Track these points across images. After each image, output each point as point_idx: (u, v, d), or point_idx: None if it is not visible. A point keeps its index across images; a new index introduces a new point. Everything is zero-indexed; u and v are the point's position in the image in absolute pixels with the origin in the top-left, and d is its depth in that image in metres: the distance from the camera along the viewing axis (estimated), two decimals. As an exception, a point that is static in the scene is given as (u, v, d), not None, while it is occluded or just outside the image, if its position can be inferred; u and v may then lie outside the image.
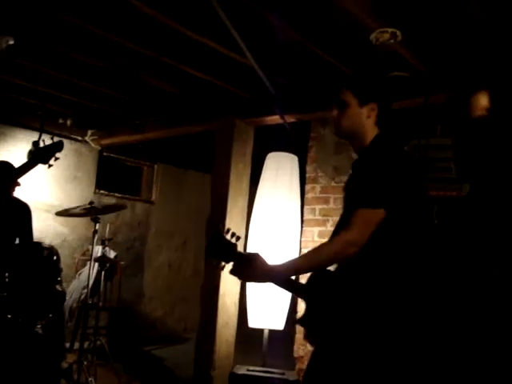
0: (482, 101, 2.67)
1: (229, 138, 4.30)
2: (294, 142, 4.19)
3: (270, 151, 4.07)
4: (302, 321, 2.08)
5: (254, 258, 1.96)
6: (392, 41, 3.03)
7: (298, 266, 1.98)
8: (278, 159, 3.99)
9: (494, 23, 2.88)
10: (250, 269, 1.96)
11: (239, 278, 2.07)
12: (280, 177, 3.94)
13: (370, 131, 2.12)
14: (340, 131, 2.17)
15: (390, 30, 2.97)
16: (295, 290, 2.19)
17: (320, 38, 3.24)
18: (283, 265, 1.95)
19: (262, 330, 3.80)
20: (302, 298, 2.25)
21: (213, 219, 4.33)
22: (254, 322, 3.83)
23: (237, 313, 4.36)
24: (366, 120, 2.11)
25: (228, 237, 2.03)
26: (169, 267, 6.97)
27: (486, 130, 2.03)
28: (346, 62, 3.52)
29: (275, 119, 4.19)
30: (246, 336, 4.50)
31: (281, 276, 2.02)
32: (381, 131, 2.14)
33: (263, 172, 4.03)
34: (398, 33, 2.98)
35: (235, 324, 4.36)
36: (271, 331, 3.80)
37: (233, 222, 4.20)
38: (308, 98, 3.99)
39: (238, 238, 2.03)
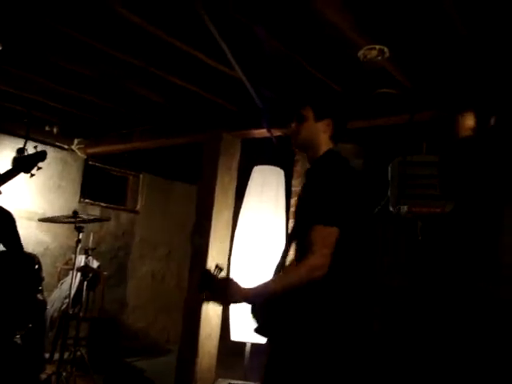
0: (468, 121, 2.70)
1: (216, 151, 4.30)
2: (280, 156, 4.20)
3: (257, 164, 4.07)
4: (259, 330, 2.14)
5: (228, 283, 2.03)
6: (379, 57, 3.06)
7: (268, 289, 2.02)
8: (264, 173, 3.99)
9: (479, 43, 2.92)
10: (225, 293, 2.02)
11: (215, 302, 2.14)
12: (266, 190, 3.94)
13: (325, 145, 2.25)
14: (296, 143, 2.30)
15: (377, 46, 3.00)
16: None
17: (309, 53, 3.27)
18: (255, 289, 2.03)
19: (244, 343, 3.78)
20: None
21: (197, 231, 4.32)
22: (236, 335, 3.80)
23: (220, 325, 4.33)
24: (321, 134, 2.23)
25: (216, 272, 2.09)
26: (152, 278, 6.92)
27: (472, 150, 2.07)
28: (333, 78, 3.55)
29: (262, 132, 4.20)
30: (229, 349, 4.47)
31: (252, 299, 2.06)
32: (334, 146, 2.27)
33: (249, 185, 4.03)
34: (386, 50, 3.02)
35: (218, 336, 4.34)
36: (254, 344, 3.78)
37: (217, 235, 4.19)
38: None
39: (221, 270, 2.09)
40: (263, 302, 2.07)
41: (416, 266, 4.35)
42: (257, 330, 2.15)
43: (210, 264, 2.15)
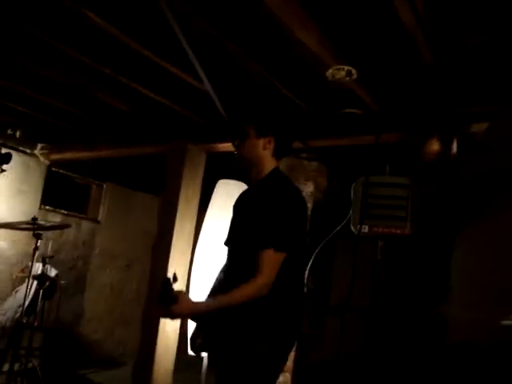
0: (433, 146, 2.76)
1: (180, 162, 4.28)
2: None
3: (221, 177, 4.07)
4: (200, 348, 2.25)
5: (178, 298, 2.10)
6: (347, 78, 3.12)
7: (220, 304, 2.12)
8: (227, 186, 3.98)
9: (444, 70, 3.00)
10: (176, 307, 2.09)
11: (165, 317, 2.21)
12: (229, 204, 3.88)
13: (268, 162, 2.33)
14: (239, 160, 2.36)
15: (345, 67, 3.05)
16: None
17: (278, 70, 3.30)
18: (206, 304, 2.17)
19: (201, 358, 3.73)
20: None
21: (158, 243, 4.28)
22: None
23: (177, 339, 4.28)
24: (262, 151, 2.31)
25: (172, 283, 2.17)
26: (111, 289, 6.80)
27: (432, 175, 2.10)
28: (301, 96, 3.59)
29: (227, 146, 4.18)
30: (186, 364, 4.42)
31: (203, 312, 2.16)
32: (277, 163, 2.36)
33: (212, 198, 4.01)
34: (354, 71, 3.07)
35: (175, 351, 4.28)
36: (210, 360, 3.73)
37: (178, 247, 4.16)
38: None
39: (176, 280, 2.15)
40: (208, 318, 2.17)
41: (375, 287, 4.40)
42: (200, 347, 2.25)
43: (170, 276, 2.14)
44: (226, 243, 2.39)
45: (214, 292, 2.34)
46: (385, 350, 4.35)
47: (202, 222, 4.07)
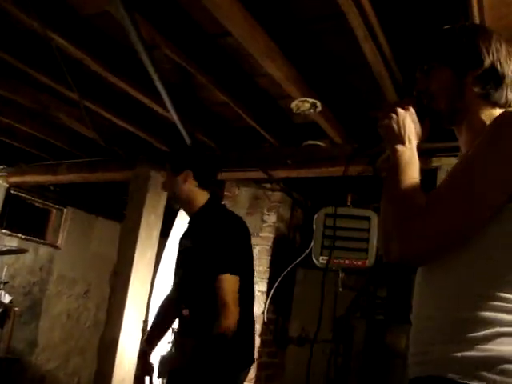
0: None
1: (143, 189, 4.25)
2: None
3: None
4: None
5: None
6: (312, 111, 3.16)
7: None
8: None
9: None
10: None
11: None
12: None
13: (197, 194, 2.47)
14: (172, 197, 2.58)
15: (310, 100, 3.09)
16: None
17: (244, 100, 3.32)
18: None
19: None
20: None
21: (118, 270, 4.20)
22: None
23: (134, 369, 4.18)
24: (184, 185, 2.44)
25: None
26: (68, 316, 6.61)
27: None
28: (266, 127, 3.62)
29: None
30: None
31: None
32: (211, 195, 2.50)
33: (174, 225, 4.00)
34: (318, 103, 3.11)
35: (132, 381, 4.17)
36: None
37: (139, 274, 4.09)
38: (226, 158, 4.03)
39: None
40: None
41: (337, 319, 4.40)
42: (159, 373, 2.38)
43: (128, 306, 2.23)
44: (175, 273, 2.51)
45: (184, 328, 2.44)
46: (348, 383, 4.34)
47: (163, 249, 4.03)
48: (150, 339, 2.59)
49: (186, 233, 2.55)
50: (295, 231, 4.96)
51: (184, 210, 2.59)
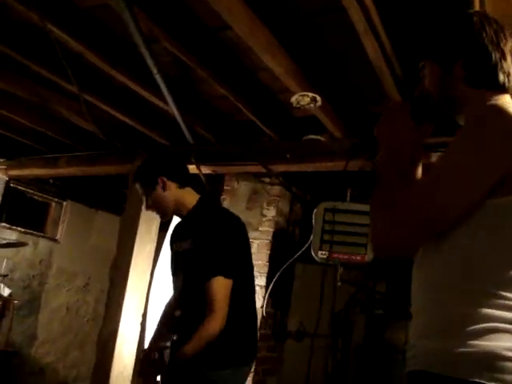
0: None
1: (143, 182, 4.24)
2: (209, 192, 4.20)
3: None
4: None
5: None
6: (312, 105, 3.15)
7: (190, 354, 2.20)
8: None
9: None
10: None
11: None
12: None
13: (184, 195, 2.43)
14: (163, 215, 2.51)
15: (310, 94, 3.08)
16: None
17: (244, 94, 3.32)
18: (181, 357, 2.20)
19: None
20: None
21: (117, 264, 4.20)
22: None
23: (133, 362, 4.19)
24: (166, 193, 2.39)
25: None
26: (67, 310, 6.62)
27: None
28: (266, 121, 3.61)
29: (191, 169, 4.18)
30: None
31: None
32: (202, 195, 2.47)
33: (174, 219, 3.98)
34: (318, 98, 3.10)
35: (131, 374, 4.18)
36: None
37: (138, 267, 4.09)
38: (225, 152, 4.03)
39: None
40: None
41: (336, 313, 4.42)
42: None
43: (127, 300, 2.22)
44: (173, 275, 2.47)
45: (174, 329, 2.42)
46: (346, 378, 4.35)
47: (163, 242, 4.03)
48: (155, 339, 2.58)
49: (178, 234, 2.51)
50: (294, 226, 4.96)
51: (178, 216, 2.52)
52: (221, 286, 2.19)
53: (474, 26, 1.31)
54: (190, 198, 2.43)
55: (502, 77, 1.29)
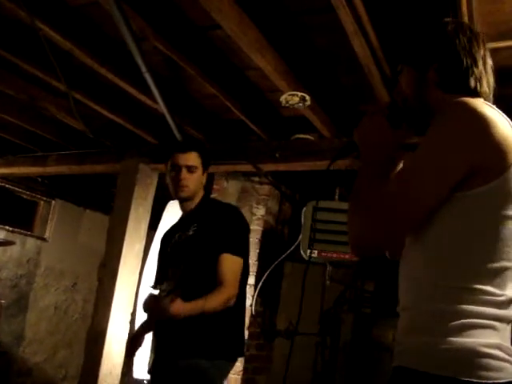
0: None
1: (131, 181, 4.23)
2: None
3: (172, 198, 4.04)
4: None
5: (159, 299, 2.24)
6: (301, 104, 3.16)
7: (197, 310, 2.14)
8: (178, 207, 3.96)
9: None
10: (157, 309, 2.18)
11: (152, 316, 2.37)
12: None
13: (201, 192, 2.53)
14: (189, 192, 2.47)
15: (299, 93, 3.09)
16: None
17: (233, 93, 3.32)
18: (184, 307, 2.12)
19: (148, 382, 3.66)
20: None
21: (105, 263, 4.19)
22: (140, 373, 3.68)
23: (122, 362, 4.18)
24: (203, 176, 2.51)
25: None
26: (55, 309, 6.58)
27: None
28: (255, 120, 3.62)
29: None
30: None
31: (183, 314, 2.14)
32: (205, 191, 2.57)
33: (163, 218, 3.99)
34: (308, 97, 3.12)
35: (119, 374, 4.17)
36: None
37: (127, 266, 4.08)
38: (215, 151, 4.02)
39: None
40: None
41: (324, 312, 4.42)
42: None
43: (116, 298, 2.19)
44: (170, 267, 2.43)
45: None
46: (334, 376, 4.37)
47: (152, 241, 4.03)
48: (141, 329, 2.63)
49: (182, 226, 2.49)
50: (283, 225, 4.97)
51: (184, 205, 2.54)
52: (233, 262, 2.20)
53: (449, 33, 1.35)
54: (199, 195, 2.51)
55: (473, 82, 1.32)
